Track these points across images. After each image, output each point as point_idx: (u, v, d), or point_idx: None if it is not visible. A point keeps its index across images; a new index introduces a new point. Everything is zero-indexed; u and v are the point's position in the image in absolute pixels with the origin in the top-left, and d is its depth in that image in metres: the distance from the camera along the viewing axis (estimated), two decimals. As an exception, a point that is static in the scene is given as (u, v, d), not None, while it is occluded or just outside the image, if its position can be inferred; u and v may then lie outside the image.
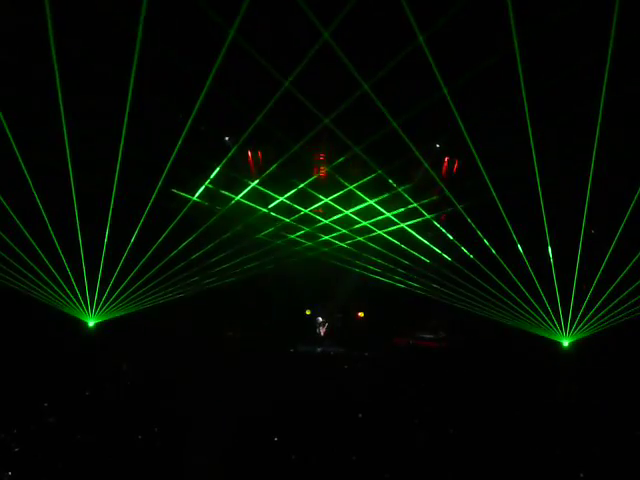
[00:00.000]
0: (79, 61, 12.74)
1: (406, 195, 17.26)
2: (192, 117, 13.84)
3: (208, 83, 12.65)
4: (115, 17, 11.53)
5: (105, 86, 13.77)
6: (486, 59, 11.76)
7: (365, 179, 16.89)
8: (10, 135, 13.94)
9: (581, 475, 10.32)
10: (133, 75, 12.37)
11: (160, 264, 18.02)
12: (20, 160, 14.62)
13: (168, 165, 15.27)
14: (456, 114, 13.18)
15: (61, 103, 13.21)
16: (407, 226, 18.05)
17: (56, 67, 12.23)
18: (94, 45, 12.86)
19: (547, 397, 14.37)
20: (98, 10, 11.88)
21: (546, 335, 17.74)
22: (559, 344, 17.69)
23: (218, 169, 16.93)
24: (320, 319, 21.44)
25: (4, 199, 15.59)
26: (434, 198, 17.10)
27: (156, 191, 16.01)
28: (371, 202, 17.55)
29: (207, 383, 14.27)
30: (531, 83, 12.30)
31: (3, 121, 13.57)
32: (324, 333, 21.25)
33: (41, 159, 15.02)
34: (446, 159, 18.02)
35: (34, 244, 16.50)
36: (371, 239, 18.76)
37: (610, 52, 11.16)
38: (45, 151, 14.92)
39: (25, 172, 14.99)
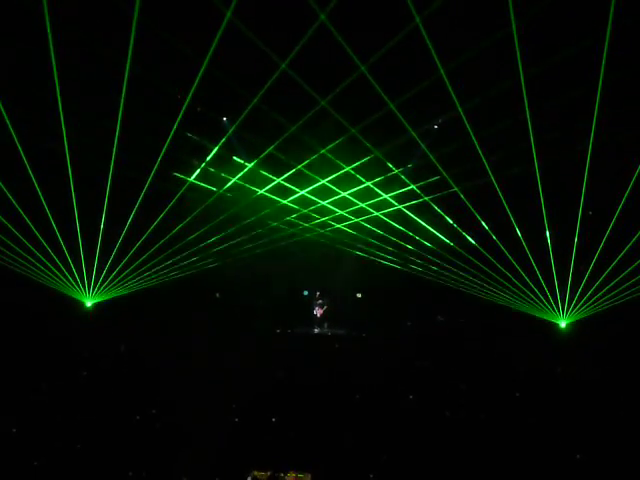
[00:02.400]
0: (74, 41, 12.62)
1: (404, 177, 17.19)
2: (189, 97, 13.76)
3: (205, 63, 12.56)
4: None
5: (101, 67, 13.66)
6: (484, 39, 11.68)
7: (363, 160, 16.82)
8: (6, 116, 13.86)
9: (578, 456, 10.39)
10: (130, 56, 12.27)
11: (158, 244, 18.01)
12: (16, 141, 14.54)
13: (165, 145, 15.20)
14: (453, 96, 13.10)
15: (57, 85, 13.12)
16: (405, 208, 18.00)
17: (52, 49, 12.13)
18: (90, 25, 12.73)
19: (545, 378, 14.44)
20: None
21: (543, 316, 17.77)
22: (556, 325, 17.73)
23: (216, 149, 16.83)
24: (318, 301, 21.46)
25: (1, 180, 15.52)
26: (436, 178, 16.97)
27: (153, 171, 15.94)
28: (369, 184, 17.49)
29: (205, 364, 14.33)
30: (529, 63, 12.21)
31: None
32: (321, 315, 21.27)
33: (37, 139, 14.93)
34: None
35: (30, 224, 16.45)
36: (369, 221, 18.73)
37: (609, 33, 11.08)
38: (41, 131, 14.84)
39: (22, 152, 14.91)
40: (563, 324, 17.64)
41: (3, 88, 13.22)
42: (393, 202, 17.87)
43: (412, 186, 17.16)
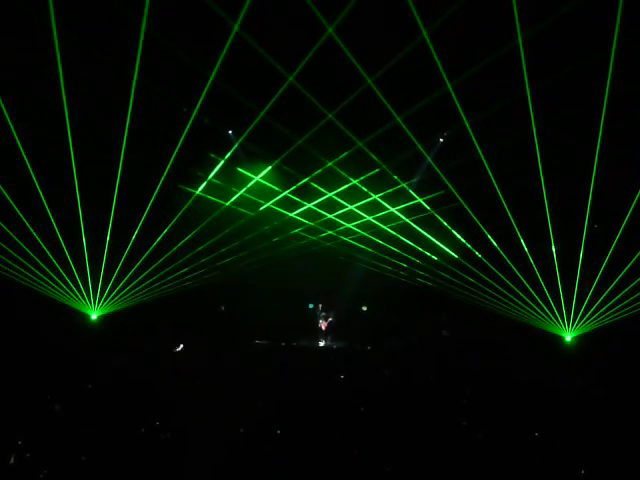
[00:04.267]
0: (83, 53, 12.72)
1: (410, 190, 17.26)
2: (196, 110, 13.85)
3: (212, 76, 12.65)
4: (119, 8, 11.52)
5: (109, 78, 13.75)
6: (490, 53, 11.75)
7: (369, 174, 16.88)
8: (12, 127, 13.95)
9: (582, 472, 10.32)
10: (137, 67, 12.36)
11: (163, 257, 18.05)
12: (22, 152, 14.62)
13: (172, 158, 15.27)
14: (459, 108, 13.16)
15: (64, 95, 13.20)
16: (412, 221, 18.06)
17: (59, 59, 12.22)
18: (98, 37, 12.83)
19: (550, 392, 14.37)
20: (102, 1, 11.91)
21: (549, 330, 17.73)
22: (562, 338, 17.68)
23: (222, 162, 16.93)
24: (322, 313, 21.39)
25: (6, 191, 15.58)
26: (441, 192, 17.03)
27: (160, 184, 16.01)
28: (375, 197, 17.55)
29: (209, 376, 14.32)
30: (535, 76, 12.27)
31: (5, 112, 13.59)
32: (325, 327, 21.19)
33: (44, 151, 15.01)
34: None
35: (36, 236, 16.49)
36: (375, 233, 18.79)
37: (614, 47, 11.14)
38: (48, 143, 14.92)
39: (28, 164, 14.99)
40: (569, 337, 17.60)
41: (8, 95, 13.32)
42: (400, 215, 17.95)
43: (418, 199, 17.22)
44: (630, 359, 15.72)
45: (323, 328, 21.23)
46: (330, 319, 21.26)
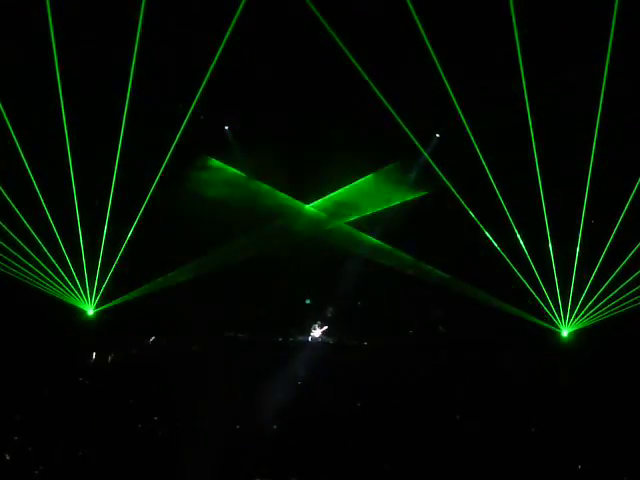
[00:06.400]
0: (78, 48, 12.70)
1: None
2: (192, 106, 13.83)
3: (209, 72, 12.64)
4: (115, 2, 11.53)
5: (104, 73, 13.73)
6: (486, 44, 11.76)
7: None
8: (8, 122, 13.92)
9: (579, 467, 10.35)
10: (133, 63, 12.35)
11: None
12: (18, 146, 14.58)
13: (169, 154, 15.25)
14: (455, 102, 13.16)
15: (60, 94, 13.18)
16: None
17: (55, 55, 12.19)
18: (93, 31, 12.81)
19: (546, 388, 14.39)
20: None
21: (545, 325, 17.69)
22: (558, 334, 17.64)
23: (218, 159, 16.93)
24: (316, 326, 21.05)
25: (2, 185, 15.52)
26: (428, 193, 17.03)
27: (157, 180, 15.98)
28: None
29: (206, 371, 14.33)
30: (532, 69, 12.27)
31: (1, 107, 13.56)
32: (318, 336, 20.89)
33: (40, 146, 14.97)
34: None
35: (31, 230, 16.40)
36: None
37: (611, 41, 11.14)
38: (43, 138, 14.88)
39: (24, 158, 14.95)
40: (565, 333, 17.56)
41: (5, 92, 13.29)
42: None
43: (416, 195, 17.22)
44: (627, 354, 15.72)
45: (316, 336, 20.88)
46: (326, 327, 21.00)
